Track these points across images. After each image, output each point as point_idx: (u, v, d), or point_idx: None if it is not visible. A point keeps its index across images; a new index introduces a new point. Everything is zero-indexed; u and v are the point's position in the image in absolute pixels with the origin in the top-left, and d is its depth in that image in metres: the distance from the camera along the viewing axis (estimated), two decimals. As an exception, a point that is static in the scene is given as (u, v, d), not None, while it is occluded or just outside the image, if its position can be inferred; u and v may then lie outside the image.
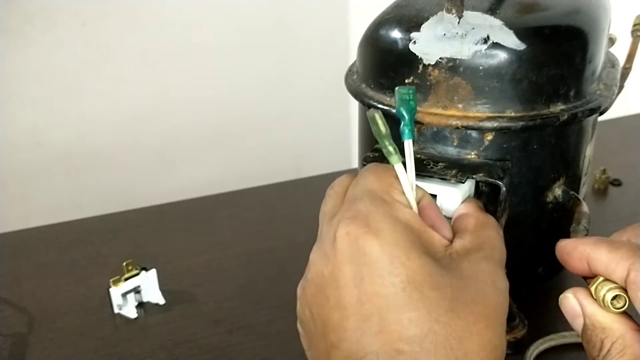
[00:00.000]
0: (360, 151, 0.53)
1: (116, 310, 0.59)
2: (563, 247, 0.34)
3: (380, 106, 0.47)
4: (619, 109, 0.56)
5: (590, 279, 0.33)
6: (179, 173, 1.50)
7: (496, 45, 0.42)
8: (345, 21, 1.60)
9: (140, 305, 0.60)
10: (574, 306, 0.33)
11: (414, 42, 0.44)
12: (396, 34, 0.46)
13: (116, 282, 0.59)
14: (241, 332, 0.56)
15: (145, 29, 1.39)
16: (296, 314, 0.36)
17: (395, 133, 0.34)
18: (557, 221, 0.49)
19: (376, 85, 0.48)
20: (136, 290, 0.60)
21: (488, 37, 0.42)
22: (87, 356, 0.55)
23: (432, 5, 0.47)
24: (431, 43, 0.44)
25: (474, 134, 0.44)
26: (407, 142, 0.34)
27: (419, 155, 0.44)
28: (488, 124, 0.43)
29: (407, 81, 0.45)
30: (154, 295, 0.60)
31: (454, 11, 0.43)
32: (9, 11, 1.24)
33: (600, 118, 0.51)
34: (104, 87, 1.38)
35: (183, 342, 0.56)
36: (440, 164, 0.43)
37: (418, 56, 0.44)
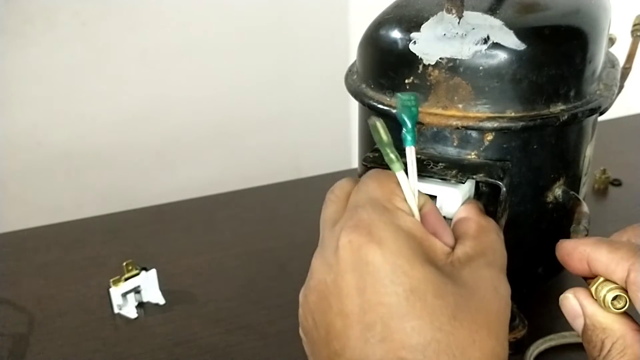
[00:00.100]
0: (360, 151, 0.53)
1: (116, 310, 0.59)
2: (563, 247, 0.34)
3: (380, 106, 0.47)
4: (619, 109, 0.56)
5: (590, 280, 0.33)
6: (179, 173, 1.50)
7: (496, 46, 0.42)
8: (345, 21, 1.60)
9: (140, 305, 0.60)
10: (575, 306, 0.33)
11: (414, 42, 0.44)
12: (396, 34, 0.46)
13: (116, 282, 0.59)
14: (241, 332, 0.56)
15: (145, 29, 1.39)
16: (296, 314, 0.36)
17: (396, 135, 0.34)
18: (557, 221, 0.49)
19: (376, 85, 0.48)
20: (136, 290, 0.60)
21: (488, 37, 0.42)
22: (87, 356, 0.55)
23: (432, 5, 0.47)
24: (431, 43, 0.44)
25: (474, 134, 0.44)
26: (409, 148, 0.34)
27: (419, 156, 0.44)
28: (488, 124, 0.43)
29: (407, 81, 0.45)
30: (154, 295, 0.60)
31: (454, 11, 0.43)
32: (9, 11, 1.24)
33: (600, 118, 0.51)
34: (104, 87, 1.38)
35: (183, 342, 0.56)
36: (440, 164, 0.43)
37: (418, 56, 0.44)
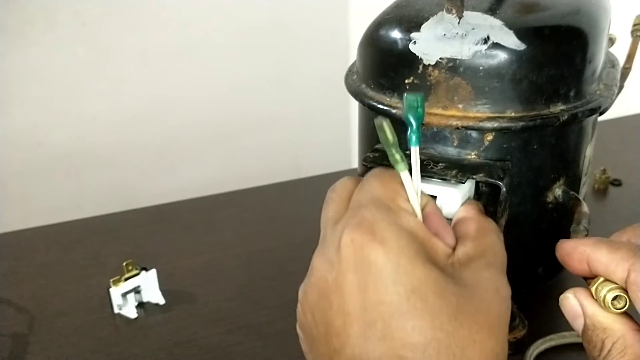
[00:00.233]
0: (360, 151, 0.53)
1: (116, 310, 0.59)
2: (563, 247, 0.34)
3: (380, 106, 0.47)
4: (619, 109, 0.56)
5: (590, 280, 0.33)
6: (179, 173, 1.50)
7: (496, 46, 0.42)
8: (345, 21, 1.60)
9: (140, 305, 0.60)
10: (575, 306, 0.33)
11: (414, 42, 0.44)
12: (396, 34, 0.46)
13: (116, 282, 0.59)
14: (241, 332, 0.56)
15: (145, 29, 1.39)
16: (296, 314, 0.36)
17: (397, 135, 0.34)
18: (557, 221, 0.49)
19: (376, 85, 0.48)
20: (136, 290, 0.60)
21: (488, 37, 0.42)
22: (87, 356, 0.55)
23: (432, 5, 0.47)
24: (431, 43, 0.44)
25: (474, 134, 0.44)
26: (414, 149, 0.34)
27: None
28: (488, 124, 0.43)
29: (407, 81, 0.45)
30: (154, 295, 0.60)
31: (454, 11, 0.43)
32: (9, 11, 1.24)
33: (600, 118, 0.51)
34: (104, 87, 1.38)
35: (183, 342, 0.56)
36: (440, 164, 0.42)
37: (418, 56, 0.44)
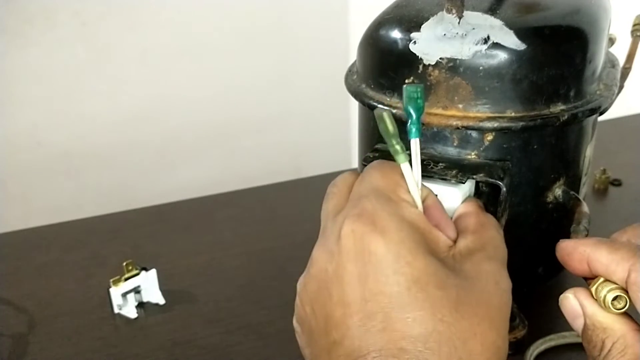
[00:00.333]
0: (360, 151, 0.53)
1: (116, 310, 0.59)
2: (563, 248, 0.34)
3: (380, 106, 0.47)
4: (619, 109, 0.56)
5: (590, 280, 0.33)
6: (179, 173, 1.50)
7: (496, 46, 0.42)
8: (345, 21, 1.60)
9: (140, 305, 0.60)
10: (574, 306, 0.33)
11: (414, 42, 0.44)
12: (396, 34, 0.46)
13: (116, 282, 0.59)
14: (241, 332, 0.56)
15: (145, 29, 1.39)
16: (296, 314, 0.36)
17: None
18: (557, 221, 0.49)
19: (376, 85, 0.48)
20: (136, 290, 0.60)
21: (488, 37, 0.42)
22: (87, 356, 0.55)
23: (432, 5, 0.47)
24: (431, 43, 0.44)
25: (474, 134, 0.44)
26: (414, 140, 0.34)
27: (419, 156, 0.44)
28: (488, 124, 0.43)
29: (407, 81, 0.45)
30: (154, 295, 0.60)
31: (454, 11, 0.43)
32: (9, 11, 1.24)
33: (600, 118, 0.51)
34: (104, 87, 1.38)
35: (183, 342, 0.56)
36: (440, 164, 0.43)
37: (418, 56, 0.44)
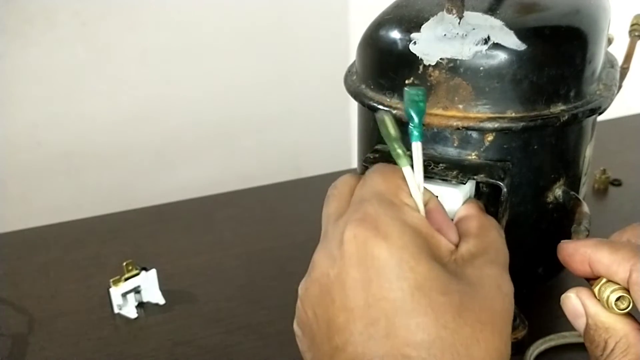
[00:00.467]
0: (360, 151, 0.53)
1: (116, 310, 0.59)
2: (564, 249, 0.34)
3: (380, 107, 0.47)
4: (618, 109, 0.56)
5: (592, 280, 0.33)
6: (179, 173, 1.50)
7: (497, 46, 0.42)
8: (345, 21, 1.60)
9: (140, 305, 0.60)
10: (576, 306, 0.33)
11: (414, 42, 0.44)
12: (396, 35, 0.46)
13: (116, 282, 0.59)
14: (241, 332, 0.56)
15: (145, 29, 1.39)
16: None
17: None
18: (557, 221, 0.49)
19: (376, 86, 0.48)
20: (136, 290, 0.60)
21: (488, 37, 0.42)
22: (87, 356, 0.55)
23: (432, 5, 0.47)
24: (431, 44, 0.44)
25: (475, 134, 0.44)
26: (416, 144, 0.34)
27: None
28: (489, 125, 0.43)
29: (407, 82, 0.45)
30: (154, 295, 0.60)
31: (454, 12, 0.43)
32: (9, 11, 1.24)
33: (600, 118, 0.51)
34: (104, 87, 1.38)
35: (183, 342, 0.56)
36: (440, 165, 0.42)
37: (418, 57, 0.44)
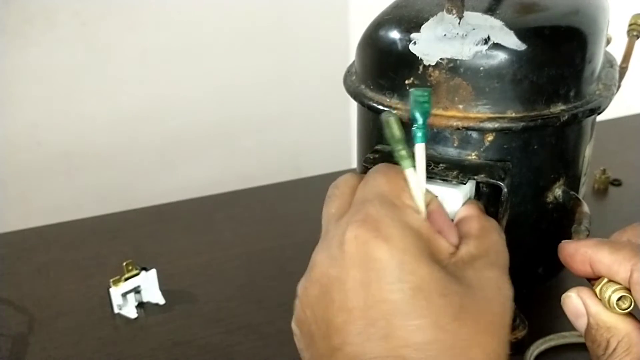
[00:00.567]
0: (360, 151, 0.53)
1: (116, 310, 0.59)
2: (565, 249, 0.34)
3: (379, 107, 0.47)
4: (618, 109, 0.56)
5: (594, 280, 0.33)
6: (179, 173, 1.50)
7: (497, 46, 0.42)
8: (345, 22, 1.60)
9: (140, 305, 0.60)
10: (577, 306, 0.33)
11: (414, 42, 0.44)
12: (396, 35, 0.46)
13: (116, 282, 0.59)
14: (241, 332, 0.56)
15: (145, 29, 1.39)
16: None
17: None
18: (557, 221, 0.49)
19: (375, 86, 0.48)
20: (136, 290, 0.60)
21: (488, 37, 0.42)
22: (87, 356, 0.55)
23: (432, 5, 0.47)
24: (431, 44, 0.44)
25: (475, 134, 0.44)
26: (419, 145, 0.33)
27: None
28: (489, 125, 0.43)
29: (407, 82, 0.45)
30: (154, 295, 0.60)
31: (454, 12, 0.43)
32: (9, 11, 1.24)
33: (600, 118, 0.51)
34: (104, 87, 1.38)
35: (183, 342, 0.56)
36: (441, 165, 0.42)
37: (418, 57, 0.44)
